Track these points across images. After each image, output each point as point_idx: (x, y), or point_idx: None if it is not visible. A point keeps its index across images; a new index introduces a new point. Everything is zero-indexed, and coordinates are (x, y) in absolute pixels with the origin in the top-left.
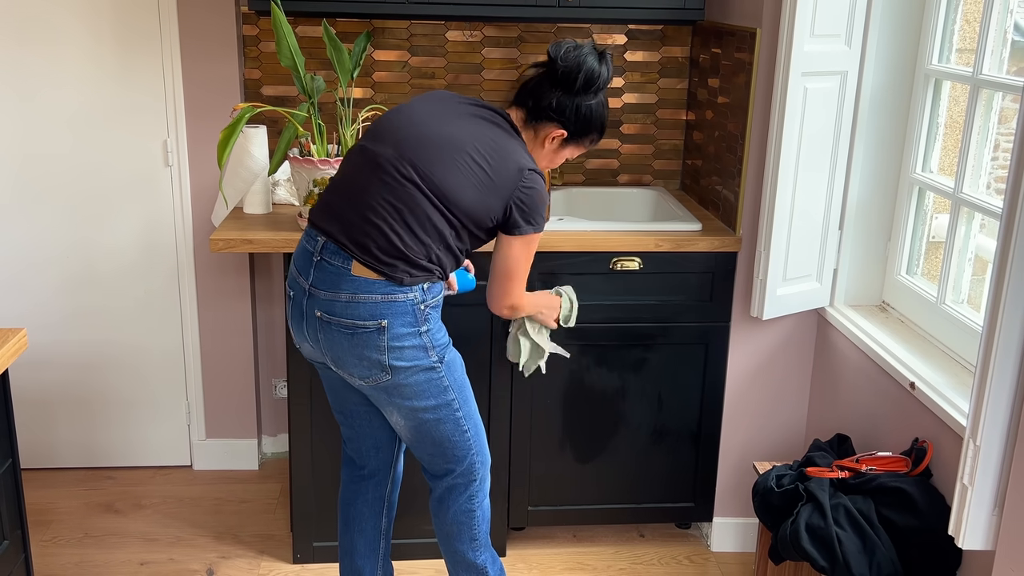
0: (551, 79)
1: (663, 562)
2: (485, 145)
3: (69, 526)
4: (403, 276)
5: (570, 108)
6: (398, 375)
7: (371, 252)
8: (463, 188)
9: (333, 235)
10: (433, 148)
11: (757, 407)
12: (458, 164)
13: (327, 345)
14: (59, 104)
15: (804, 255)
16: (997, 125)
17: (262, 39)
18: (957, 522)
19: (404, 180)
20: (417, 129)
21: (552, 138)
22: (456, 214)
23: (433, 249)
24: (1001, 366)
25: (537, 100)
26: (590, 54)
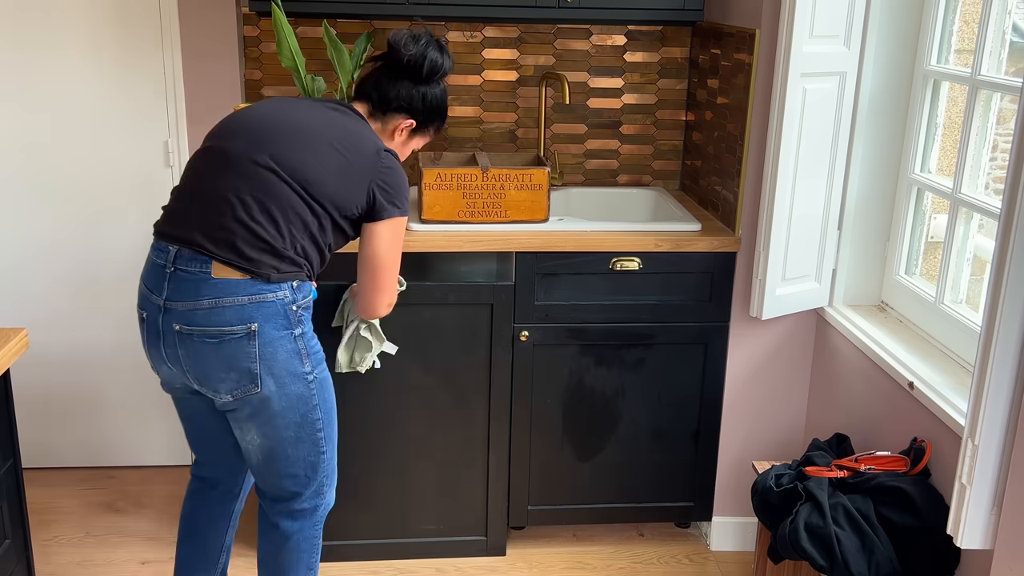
0: (395, 70)
1: (663, 561)
2: (338, 130)
3: (70, 525)
4: (270, 272)
5: (417, 98)
6: (268, 385)
7: (235, 248)
8: (324, 174)
9: (188, 240)
10: (289, 135)
11: (756, 407)
12: (316, 149)
13: (189, 362)
14: (60, 105)
15: (803, 255)
16: (995, 125)
17: (263, 40)
18: (955, 521)
19: (261, 168)
20: (268, 122)
21: (401, 129)
22: (319, 200)
23: (298, 239)
24: (999, 366)
25: (382, 92)
26: (430, 44)
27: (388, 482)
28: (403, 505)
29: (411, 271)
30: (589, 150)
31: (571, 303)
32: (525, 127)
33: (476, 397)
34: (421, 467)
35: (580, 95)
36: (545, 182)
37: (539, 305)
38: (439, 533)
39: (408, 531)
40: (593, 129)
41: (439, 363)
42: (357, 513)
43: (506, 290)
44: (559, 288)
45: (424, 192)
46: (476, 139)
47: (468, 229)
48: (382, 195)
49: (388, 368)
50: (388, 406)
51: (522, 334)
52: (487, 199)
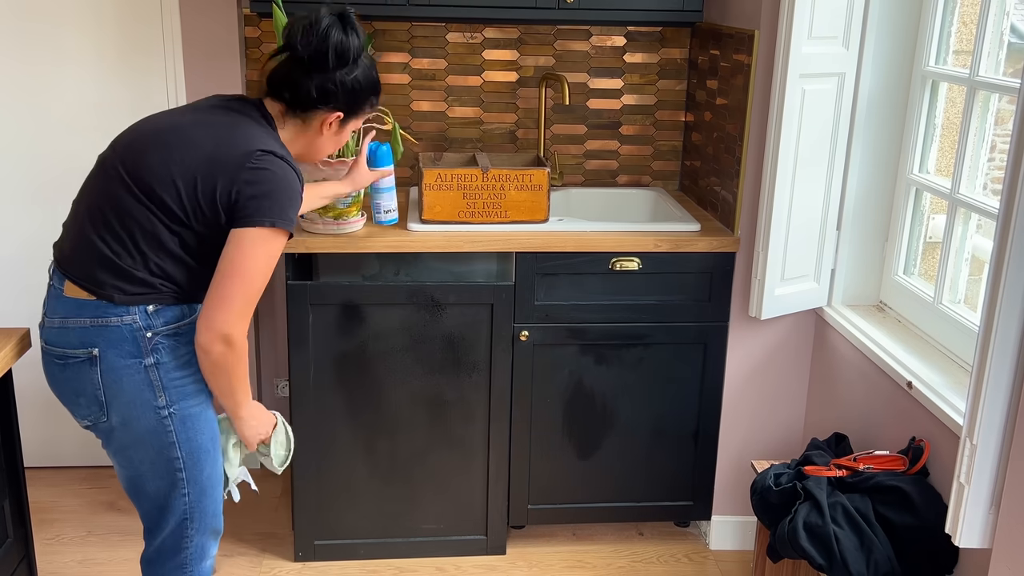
0: (300, 65)
1: (662, 560)
2: (210, 129)
3: (72, 524)
4: (113, 293)
5: (335, 88)
6: (114, 415)
7: (82, 265)
8: (175, 178)
9: (58, 254)
10: (145, 139)
11: (755, 406)
12: (171, 152)
13: (49, 381)
14: (62, 105)
15: (802, 255)
16: (994, 126)
17: (264, 41)
18: (954, 520)
19: (114, 178)
20: (139, 126)
21: (329, 123)
22: (171, 210)
23: (151, 258)
24: (997, 365)
25: (294, 91)
26: (332, 26)
27: (388, 481)
28: (403, 504)
29: (412, 271)
30: (589, 151)
31: (571, 303)
32: (525, 128)
33: (476, 397)
34: (421, 466)
35: (580, 96)
36: (545, 182)
37: (539, 305)
38: (439, 532)
39: (408, 530)
40: (593, 130)
41: (439, 363)
42: (357, 512)
43: (506, 290)
44: (559, 288)
45: (424, 192)
46: (476, 140)
47: (468, 229)
48: (247, 199)
49: (388, 368)
50: (388, 405)
51: (522, 334)
52: (487, 199)
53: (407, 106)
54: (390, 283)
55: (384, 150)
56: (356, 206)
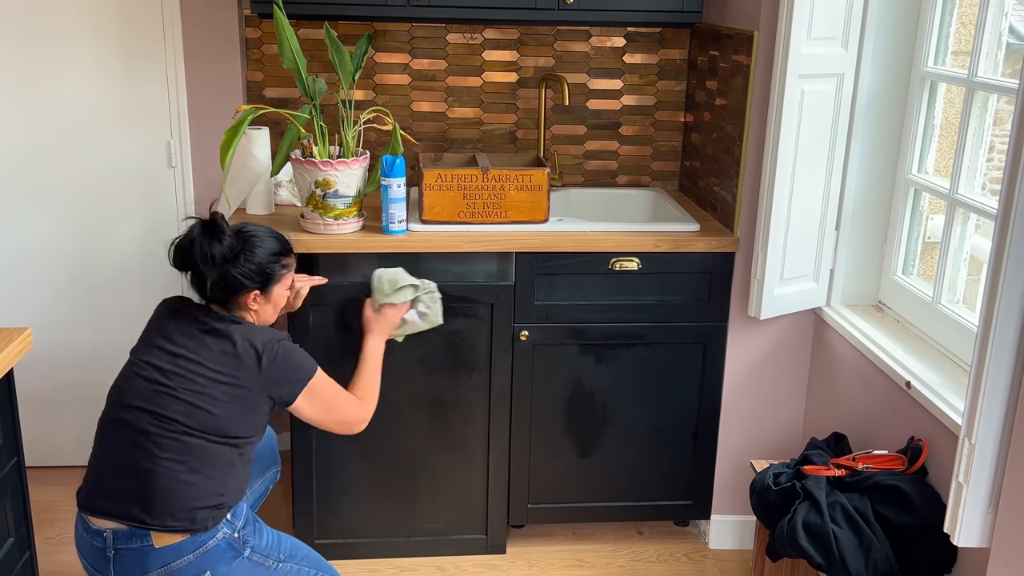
0: (195, 278)
1: (662, 559)
2: (218, 361)
3: (73, 524)
4: (207, 521)
5: (231, 278)
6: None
7: (171, 514)
8: (233, 415)
9: (126, 515)
10: (189, 398)
11: (754, 406)
12: (215, 398)
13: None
14: (64, 106)
15: (801, 255)
16: (992, 127)
17: (264, 42)
18: (952, 520)
19: (178, 436)
20: (164, 387)
21: (253, 299)
22: (241, 435)
23: (228, 476)
24: (996, 365)
25: (211, 293)
26: (197, 239)
27: (389, 481)
28: (404, 504)
29: (412, 271)
30: (588, 151)
31: (571, 303)
32: (525, 128)
33: (476, 396)
34: (421, 466)
35: (579, 96)
36: (545, 183)
37: (539, 305)
38: (439, 531)
39: (409, 529)
40: (592, 130)
41: (440, 362)
42: (358, 511)
43: (506, 290)
44: (559, 288)
45: (425, 193)
46: (476, 140)
47: (468, 229)
48: (284, 390)
49: (388, 367)
50: (389, 405)
51: (522, 334)
52: (487, 200)
53: (407, 107)
54: None
55: (399, 163)
56: (356, 206)
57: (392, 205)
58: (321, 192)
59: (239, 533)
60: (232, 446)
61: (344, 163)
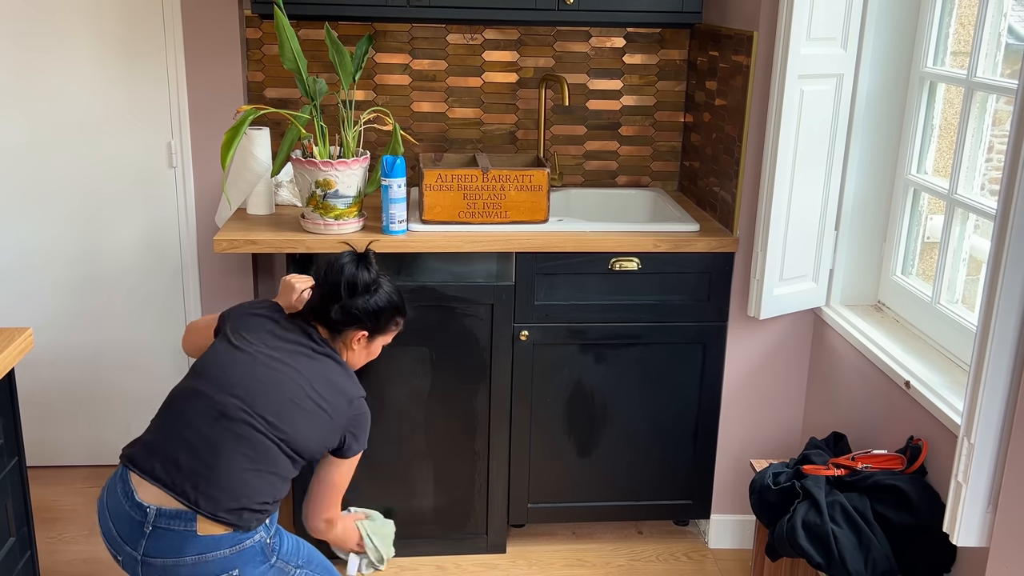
0: (325, 295)
1: (661, 559)
2: (319, 383)
3: (75, 523)
4: (251, 522)
5: (356, 312)
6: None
7: (222, 505)
8: (311, 435)
9: (175, 490)
10: (281, 399)
11: (754, 405)
12: (306, 412)
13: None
14: (65, 107)
15: (800, 255)
16: (991, 127)
17: (265, 42)
18: (951, 519)
19: (258, 433)
20: (258, 379)
21: (357, 340)
22: (305, 456)
23: (279, 487)
24: (995, 365)
25: (325, 316)
26: (349, 263)
27: (389, 480)
28: (404, 503)
29: (412, 271)
30: (588, 151)
31: (571, 303)
32: (525, 128)
33: (477, 396)
34: (422, 465)
35: (579, 97)
36: (545, 183)
37: (539, 305)
38: (440, 531)
39: (409, 529)
40: (592, 130)
41: (440, 362)
42: None
43: (506, 290)
44: (559, 288)
45: (425, 193)
46: (476, 140)
47: (468, 230)
48: (351, 439)
49: (389, 367)
50: (389, 404)
51: (522, 333)
52: (487, 200)
53: (407, 107)
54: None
55: (399, 163)
56: (356, 207)
57: (392, 205)
58: (321, 192)
59: (271, 539)
60: (295, 461)
61: (344, 163)
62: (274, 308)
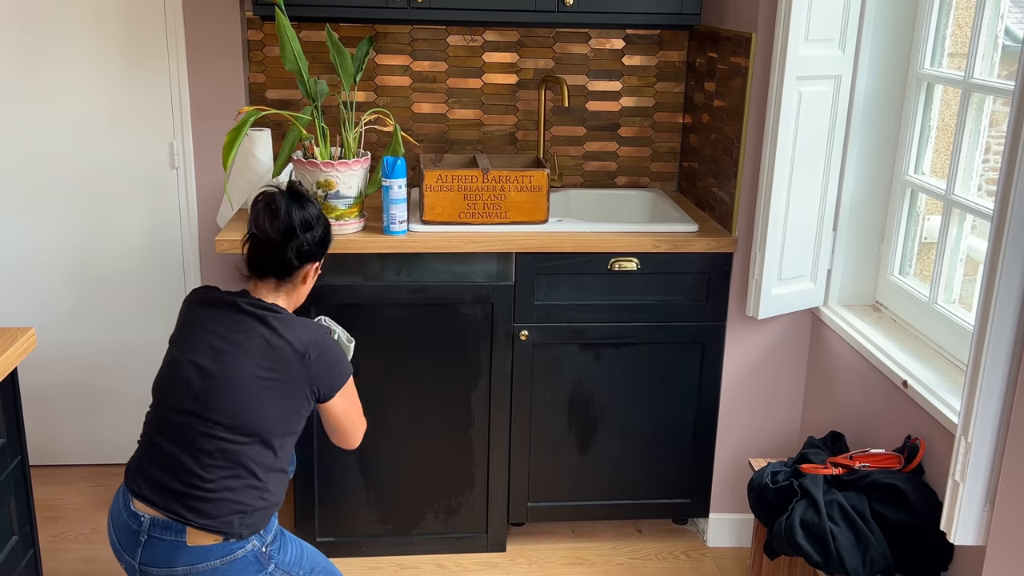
0: (275, 244)
1: (660, 557)
2: (263, 356)
3: (77, 522)
4: (242, 530)
5: (309, 248)
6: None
7: (209, 515)
8: (276, 415)
9: (166, 508)
10: (232, 397)
11: (752, 405)
12: (262, 395)
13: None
14: (67, 108)
15: (799, 256)
16: (988, 128)
17: (266, 44)
18: (949, 518)
19: (223, 442)
20: (208, 391)
21: (313, 272)
22: (280, 436)
23: (268, 483)
24: (992, 365)
25: (281, 264)
26: (291, 204)
27: (389, 479)
28: (404, 502)
29: (413, 271)
30: (588, 152)
31: (570, 303)
32: (525, 129)
33: (477, 395)
34: (422, 464)
35: (579, 98)
36: (544, 184)
37: (539, 305)
38: (440, 529)
39: (409, 527)
40: (592, 131)
41: (441, 361)
42: (358, 510)
43: (506, 290)
44: (558, 288)
45: (425, 193)
46: (476, 141)
47: (469, 230)
48: (324, 386)
49: (389, 366)
50: (389, 404)
51: (522, 333)
52: (487, 200)
53: (408, 108)
54: (391, 283)
55: (400, 164)
56: (357, 207)
57: (393, 206)
58: (323, 193)
59: (267, 548)
60: (271, 446)
61: (345, 164)
62: (203, 295)
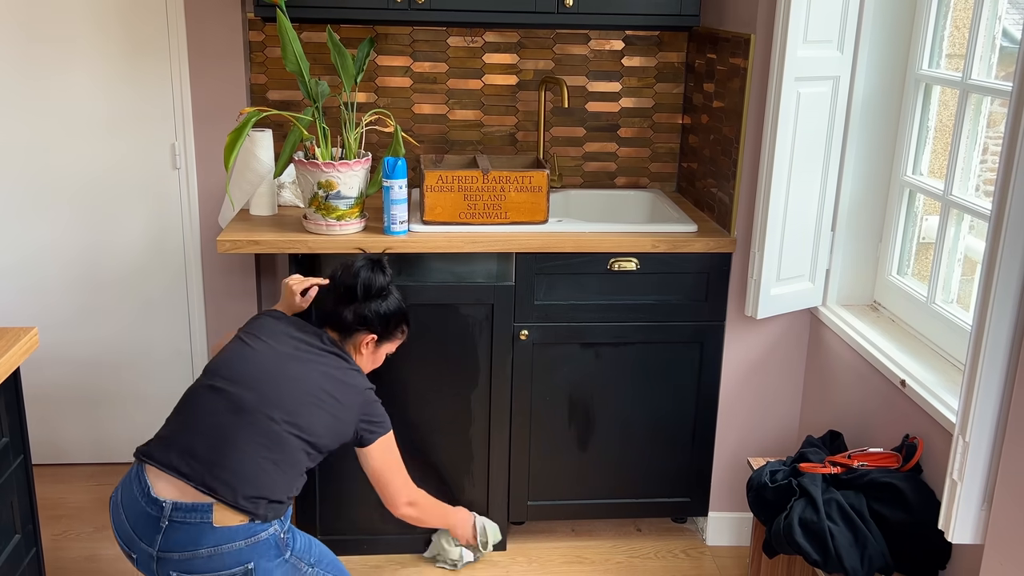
0: (339, 298)
1: (659, 556)
2: (330, 379)
3: (80, 521)
4: (267, 513)
5: (368, 315)
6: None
7: (241, 492)
8: (324, 428)
9: (194, 479)
10: (294, 393)
11: (751, 404)
12: (319, 406)
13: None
14: (70, 109)
15: (797, 256)
16: (986, 129)
17: (268, 45)
18: (947, 516)
19: (275, 424)
20: (271, 375)
21: (366, 344)
22: (321, 449)
23: (295, 481)
24: (990, 364)
25: (338, 319)
26: (363, 267)
27: None
28: None
29: (414, 271)
30: (587, 153)
31: (570, 303)
32: (525, 130)
33: (477, 394)
34: (423, 464)
35: (579, 99)
36: (544, 184)
37: (539, 305)
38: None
39: (410, 526)
40: (591, 132)
41: (441, 361)
42: (359, 508)
43: (506, 290)
44: (558, 288)
45: (426, 194)
46: (477, 142)
47: (469, 230)
48: (366, 431)
49: (390, 366)
50: (390, 403)
51: (522, 333)
52: (488, 201)
53: (409, 109)
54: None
55: (401, 164)
56: (358, 207)
57: (394, 206)
58: (324, 193)
59: (285, 534)
60: (310, 454)
61: (346, 165)
62: (282, 315)
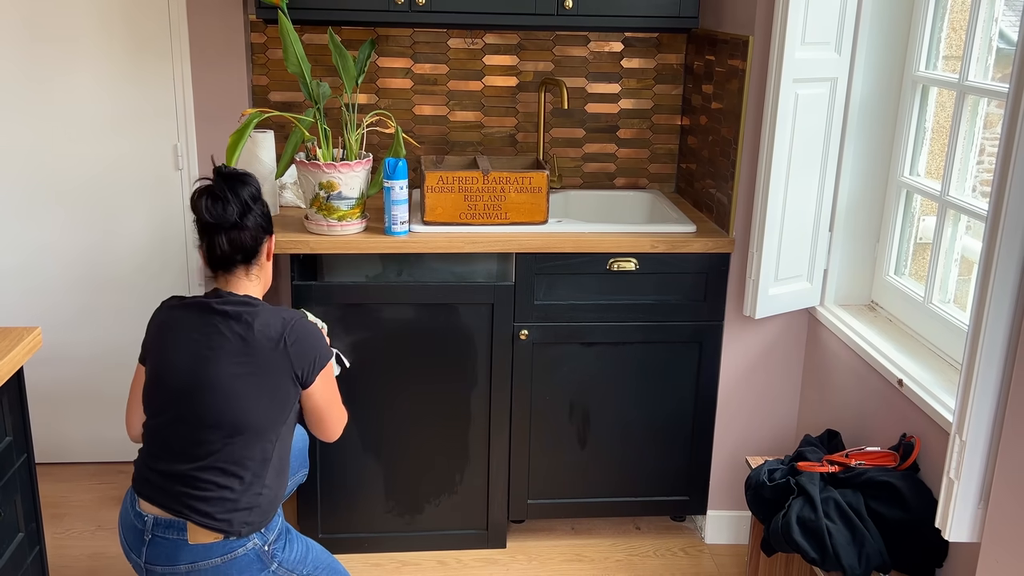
0: (233, 230)
1: (659, 554)
2: (239, 352)
3: (82, 519)
4: (241, 528)
5: (260, 223)
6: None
7: (212, 515)
8: (259, 406)
9: (165, 506)
10: (214, 399)
11: (750, 403)
12: (242, 389)
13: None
14: (72, 109)
15: (795, 256)
16: (982, 130)
17: (269, 46)
18: (944, 515)
19: (212, 444)
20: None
21: (270, 249)
22: (269, 427)
23: (264, 476)
24: (986, 363)
25: (243, 248)
26: (228, 187)
27: (391, 476)
28: (406, 499)
29: (414, 271)
30: (587, 154)
31: (569, 303)
32: (525, 131)
33: (477, 394)
34: (423, 462)
35: (578, 100)
36: (544, 185)
37: (538, 305)
38: (441, 526)
39: (410, 524)
40: (591, 133)
41: (441, 360)
42: (360, 507)
43: (506, 290)
44: (558, 288)
45: (426, 194)
46: (477, 143)
47: (469, 231)
48: (305, 370)
49: (391, 365)
50: (391, 402)
51: (522, 333)
52: (488, 201)
53: (409, 110)
54: (393, 283)
55: (401, 165)
56: (359, 208)
57: (394, 207)
58: (325, 194)
59: (269, 547)
60: (265, 440)
61: (347, 165)
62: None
